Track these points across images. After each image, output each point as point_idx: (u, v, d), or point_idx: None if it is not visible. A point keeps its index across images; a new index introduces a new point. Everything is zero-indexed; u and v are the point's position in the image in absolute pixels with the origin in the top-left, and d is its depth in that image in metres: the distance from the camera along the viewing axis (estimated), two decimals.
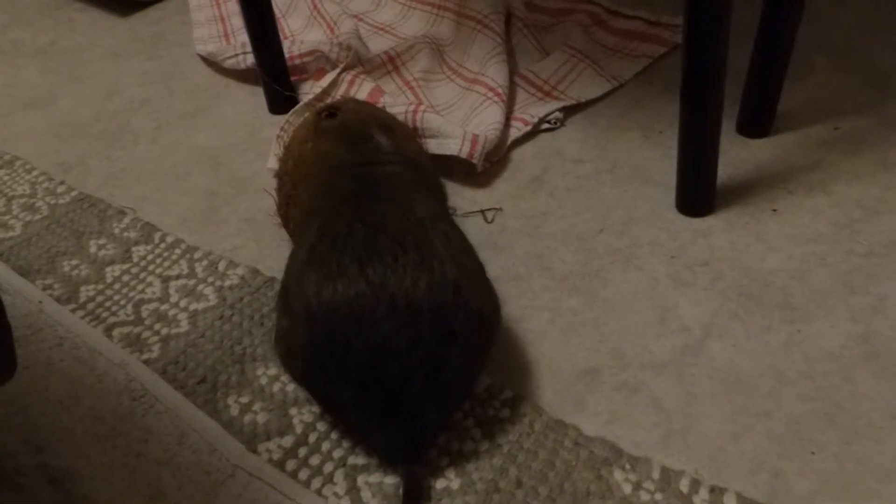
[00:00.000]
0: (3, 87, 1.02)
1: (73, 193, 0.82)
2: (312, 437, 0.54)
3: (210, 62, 1.01)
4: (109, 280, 0.71)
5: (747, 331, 0.58)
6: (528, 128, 0.80)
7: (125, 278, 0.71)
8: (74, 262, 0.73)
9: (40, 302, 0.69)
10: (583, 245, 0.68)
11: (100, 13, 1.19)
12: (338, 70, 0.89)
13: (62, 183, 0.84)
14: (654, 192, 0.72)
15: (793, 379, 0.55)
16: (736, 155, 0.75)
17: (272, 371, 0.60)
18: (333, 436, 0.54)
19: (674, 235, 0.67)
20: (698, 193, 0.69)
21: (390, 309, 0.46)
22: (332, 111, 0.70)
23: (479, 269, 0.53)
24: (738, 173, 0.73)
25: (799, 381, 0.54)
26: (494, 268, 0.67)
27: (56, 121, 0.95)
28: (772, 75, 0.75)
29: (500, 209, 0.72)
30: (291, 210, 0.70)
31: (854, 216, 0.67)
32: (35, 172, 0.86)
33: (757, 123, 0.77)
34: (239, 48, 0.96)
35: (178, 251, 0.73)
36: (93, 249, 0.74)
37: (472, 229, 0.71)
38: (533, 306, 0.63)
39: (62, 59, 1.08)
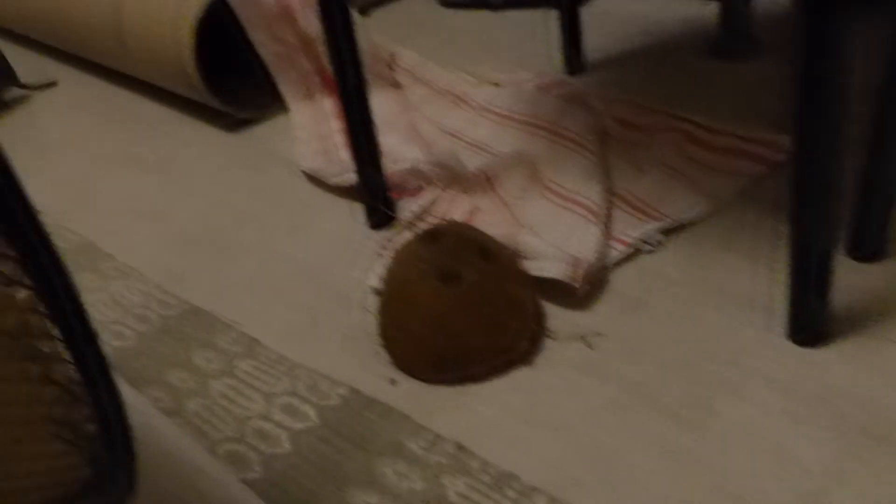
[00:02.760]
0: (125, 200, 1.10)
1: (183, 305, 0.85)
2: None
3: (313, 178, 1.06)
4: (214, 394, 0.73)
5: (876, 476, 0.55)
6: (627, 249, 0.80)
7: (229, 393, 0.72)
8: (182, 374, 0.76)
9: (149, 414, 0.71)
10: (689, 374, 0.66)
11: (212, 130, 1.27)
12: (436, 188, 0.91)
13: (172, 294, 0.88)
14: (761, 319, 0.70)
15: None
16: (847, 280, 0.72)
17: (374, 499, 0.59)
18: None
19: (786, 367, 0.65)
20: (811, 322, 0.67)
21: None
22: (434, 235, 0.72)
23: None
24: (851, 300, 0.70)
25: None
26: (596, 396, 0.65)
27: (169, 232, 1.00)
28: (883, 195, 0.73)
29: (602, 334, 0.71)
30: (394, 331, 0.71)
31: None
32: (148, 283, 0.91)
33: (868, 246, 0.75)
34: (340, 166, 1.00)
35: (280, 367, 0.74)
36: (199, 362, 0.77)
37: (573, 354, 0.70)
38: (638, 439, 0.61)
39: (176, 172, 1.15)
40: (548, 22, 1.47)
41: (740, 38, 1.18)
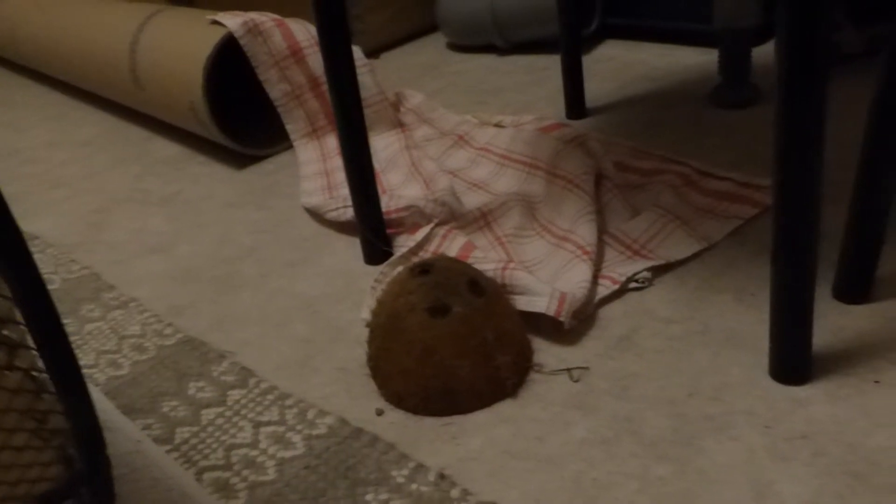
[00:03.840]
0: (133, 233, 1.12)
1: (179, 336, 0.87)
2: None
3: (314, 214, 1.08)
4: (204, 423, 0.74)
5: None
6: (617, 286, 0.81)
7: (219, 421, 0.73)
8: (174, 403, 0.77)
9: (139, 441, 0.72)
10: (673, 410, 0.66)
11: (219, 167, 1.30)
12: (432, 225, 0.93)
13: (170, 325, 0.89)
14: (747, 358, 0.70)
15: None
16: (833, 321, 0.73)
17: None
18: None
19: (770, 404, 0.65)
20: (794, 360, 0.67)
21: None
22: (424, 268, 0.73)
23: None
24: (836, 341, 0.71)
25: None
26: (580, 429, 0.65)
27: (173, 265, 1.02)
28: (869, 239, 0.73)
29: (587, 368, 0.72)
30: (382, 362, 0.72)
31: None
32: (147, 314, 0.92)
33: (854, 289, 0.75)
34: (340, 202, 1.03)
35: (270, 397, 0.75)
36: (192, 391, 0.78)
37: (559, 388, 0.70)
38: (620, 473, 0.61)
39: (184, 207, 1.17)
40: (551, 67, 1.50)
41: (740, 86, 1.20)
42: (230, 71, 1.28)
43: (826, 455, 0.60)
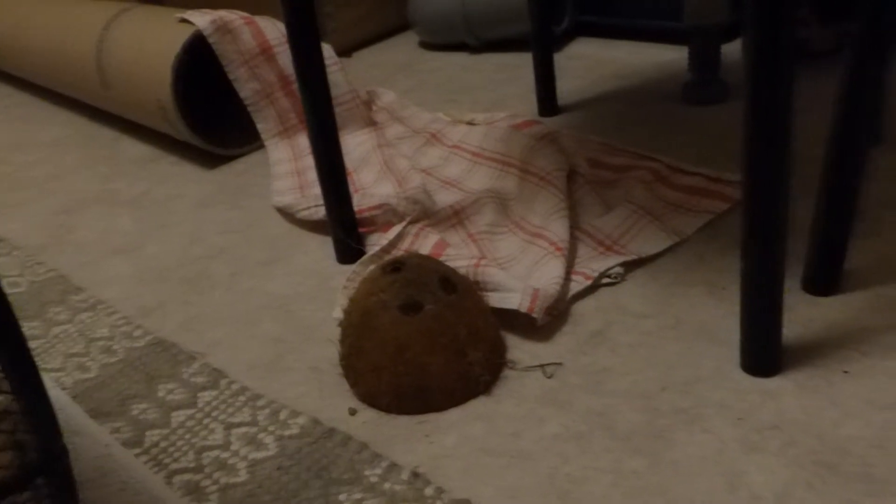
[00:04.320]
0: (100, 234, 1.10)
1: (149, 337, 0.86)
2: None
3: (286, 213, 1.07)
4: (174, 425, 0.72)
5: (825, 503, 0.55)
6: (589, 282, 0.81)
7: (190, 424, 0.72)
8: (143, 405, 0.76)
9: (108, 445, 0.71)
10: (646, 404, 0.66)
11: (190, 166, 1.28)
12: (404, 223, 0.92)
13: (139, 327, 0.88)
14: (718, 351, 0.71)
15: None
16: (803, 313, 0.73)
17: None
18: None
19: (741, 396, 0.65)
20: (764, 352, 0.67)
21: None
22: (396, 266, 0.72)
23: None
24: (806, 332, 0.71)
25: None
26: (554, 425, 0.65)
27: (142, 266, 1.00)
28: (836, 232, 0.74)
29: (561, 364, 0.72)
30: (354, 361, 0.71)
31: None
32: (115, 316, 0.91)
33: (823, 281, 0.76)
34: (312, 201, 1.02)
35: (242, 398, 0.74)
36: (161, 394, 0.77)
37: (533, 384, 0.70)
38: (594, 467, 0.61)
39: (153, 208, 1.16)
40: (523, 65, 1.50)
41: (710, 82, 1.21)
42: (199, 70, 1.26)
43: (796, 445, 0.60)
